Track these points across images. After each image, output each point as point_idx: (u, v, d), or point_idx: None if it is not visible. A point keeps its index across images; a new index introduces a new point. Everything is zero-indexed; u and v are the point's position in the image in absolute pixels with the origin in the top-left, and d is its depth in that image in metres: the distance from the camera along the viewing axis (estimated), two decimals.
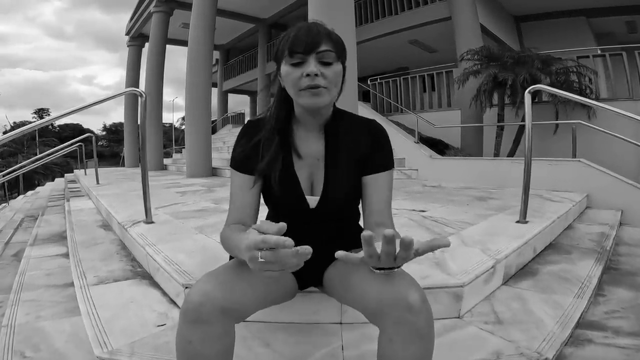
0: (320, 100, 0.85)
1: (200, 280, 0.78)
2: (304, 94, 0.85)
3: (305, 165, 0.97)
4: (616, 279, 1.81)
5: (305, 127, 0.96)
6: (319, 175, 0.96)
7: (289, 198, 0.96)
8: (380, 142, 0.96)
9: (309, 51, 0.82)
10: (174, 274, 1.34)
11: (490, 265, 1.43)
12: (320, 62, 0.83)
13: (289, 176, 0.95)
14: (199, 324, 0.72)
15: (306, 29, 0.84)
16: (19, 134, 1.96)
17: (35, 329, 1.26)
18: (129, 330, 1.17)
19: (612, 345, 1.21)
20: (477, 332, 1.19)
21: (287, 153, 0.95)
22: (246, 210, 0.95)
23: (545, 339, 1.14)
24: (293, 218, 0.96)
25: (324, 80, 0.84)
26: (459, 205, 2.90)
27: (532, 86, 2.32)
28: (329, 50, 0.84)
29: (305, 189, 0.96)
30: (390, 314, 0.71)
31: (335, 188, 0.95)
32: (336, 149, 0.96)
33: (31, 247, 2.39)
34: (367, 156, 0.95)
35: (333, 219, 1.01)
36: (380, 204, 0.94)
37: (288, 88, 0.88)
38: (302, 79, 0.83)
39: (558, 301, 1.40)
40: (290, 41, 0.83)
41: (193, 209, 2.81)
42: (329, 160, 0.96)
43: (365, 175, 0.95)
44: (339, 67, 0.87)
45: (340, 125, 0.97)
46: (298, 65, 0.84)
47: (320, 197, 0.96)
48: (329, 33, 0.86)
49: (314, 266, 1.00)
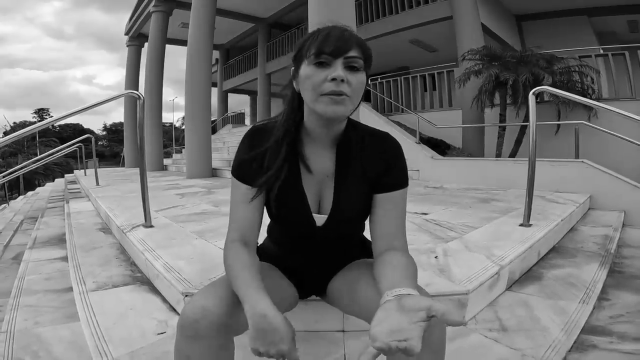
0: (341, 109, 0.78)
1: (198, 294, 0.76)
2: (324, 100, 0.77)
3: (314, 181, 0.90)
4: (620, 282, 1.79)
5: (315, 139, 0.89)
6: (328, 193, 0.90)
7: (294, 216, 0.90)
8: (395, 158, 0.89)
9: (338, 54, 0.76)
10: (174, 282, 1.33)
11: (494, 272, 1.41)
12: (347, 67, 0.77)
13: (297, 193, 0.89)
14: (197, 340, 0.70)
15: (339, 31, 0.79)
16: (23, 135, 1.95)
17: (34, 335, 1.25)
18: (129, 339, 1.16)
19: (617, 350, 1.19)
20: (481, 339, 1.17)
21: (294, 167, 0.89)
22: (249, 225, 0.89)
23: (551, 347, 1.12)
24: (298, 234, 0.94)
25: (349, 88, 0.77)
26: (462, 207, 2.88)
27: (536, 87, 2.31)
28: (358, 57, 0.78)
29: (312, 206, 0.90)
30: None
31: (345, 208, 0.89)
32: (348, 165, 0.89)
33: (30, 250, 2.38)
34: (380, 174, 0.87)
35: (339, 236, 0.96)
36: (392, 226, 0.87)
37: (305, 91, 0.80)
38: (326, 83, 0.76)
39: (563, 307, 1.38)
40: (320, 40, 0.77)
41: (192, 212, 2.80)
42: (339, 177, 0.89)
43: (377, 193, 0.88)
44: (364, 76, 0.81)
45: (353, 140, 0.89)
46: (323, 66, 0.77)
47: (328, 216, 0.90)
48: (359, 40, 0.80)
49: (317, 277, 0.99)
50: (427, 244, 1.81)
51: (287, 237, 0.98)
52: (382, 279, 0.73)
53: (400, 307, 0.60)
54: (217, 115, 17.37)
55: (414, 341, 0.56)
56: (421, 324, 0.58)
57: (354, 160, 0.88)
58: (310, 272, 0.98)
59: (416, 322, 0.58)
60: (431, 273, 1.39)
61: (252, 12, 12.14)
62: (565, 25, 9.13)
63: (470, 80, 5.82)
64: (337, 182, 0.89)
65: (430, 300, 0.59)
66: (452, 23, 7.30)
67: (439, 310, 0.57)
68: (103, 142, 47.77)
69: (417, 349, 0.56)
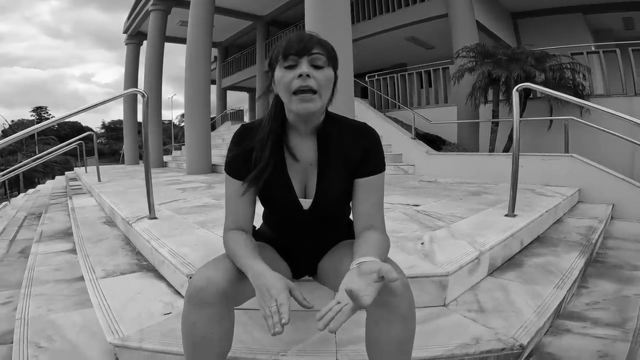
0: (311, 105, 0.88)
1: (202, 267, 0.88)
2: (295, 99, 0.87)
3: (299, 169, 1.00)
4: (601, 272, 1.89)
5: (299, 132, 0.98)
6: (312, 179, 1.00)
7: (282, 201, 1.01)
8: (372, 146, 0.97)
9: (301, 53, 0.86)
10: (179, 266, 1.44)
11: (474, 257, 1.52)
12: (312, 65, 0.87)
13: (283, 180, 0.99)
14: (202, 306, 0.80)
15: (299, 34, 0.89)
16: (27, 134, 2.03)
17: (47, 321, 1.34)
18: (138, 319, 1.26)
19: (590, 335, 1.28)
20: (460, 319, 1.27)
21: (280, 157, 0.98)
22: (243, 215, 0.99)
23: (522, 327, 1.22)
24: (287, 217, 1.05)
25: (315, 83, 0.86)
26: (453, 199, 2.98)
27: (519, 84, 2.39)
28: (320, 54, 0.88)
29: (298, 192, 1.00)
30: (376, 298, 0.79)
31: (328, 192, 0.99)
32: (328, 154, 0.98)
33: (37, 243, 2.47)
34: (358, 160, 0.96)
35: (326, 219, 1.05)
36: (371, 207, 0.97)
37: (281, 93, 0.90)
38: (294, 80, 0.86)
39: (538, 292, 1.48)
40: (284, 45, 0.87)
41: (194, 205, 2.90)
42: (321, 165, 0.99)
43: (357, 178, 0.97)
44: (331, 72, 0.90)
45: (332, 131, 0.98)
46: (291, 68, 0.87)
47: (313, 201, 1.00)
48: (320, 40, 0.90)
49: (309, 257, 1.09)
50: (415, 232, 1.92)
51: (278, 220, 1.10)
52: (355, 253, 0.85)
53: (359, 272, 0.74)
54: (216, 112, 17.42)
55: (367, 297, 0.69)
56: (374, 284, 0.71)
57: (334, 149, 0.98)
58: (302, 253, 1.09)
59: (370, 283, 0.71)
60: (416, 257, 1.50)
61: (250, 10, 12.16)
62: (560, 23, 9.19)
63: (465, 77, 5.90)
64: (319, 169, 0.99)
65: (380, 264, 0.73)
66: (448, 20, 7.37)
67: (382, 269, 0.71)
68: (102, 140, 47.64)
69: (366, 302, 0.69)
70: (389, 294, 0.77)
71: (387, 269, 0.70)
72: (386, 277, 0.70)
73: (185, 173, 6.65)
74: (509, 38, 9.48)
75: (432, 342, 1.11)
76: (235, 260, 0.89)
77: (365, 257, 0.79)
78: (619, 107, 2.18)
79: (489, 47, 5.91)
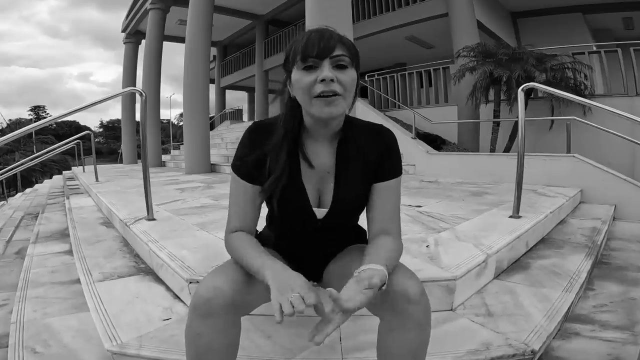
0: (335, 109, 0.81)
1: (209, 275, 0.82)
2: (317, 102, 0.80)
3: (314, 176, 0.93)
4: (607, 273, 1.86)
5: (315, 137, 0.92)
6: (328, 187, 0.94)
7: (295, 210, 0.94)
8: (390, 148, 0.93)
9: (323, 55, 0.79)
10: (178, 270, 1.39)
11: (481, 260, 1.48)
12: (334, 66, 0.80)
13: (297, 188, 0.92)
14: (209, 317, 0.76)
15: (318, 33, 0.81)
16: (26, 133, 2.00)
17: (43, 325, 1.30)
18: (136, 325, 1.22)
19: (599, 338, 1.25)
20: (469, 324, 1.24)
21: (295, 164, 0.91)
22: (247, 217, 0.94)
23: (533, 331, 1.19)
24: (298, 226, 0.99)
25: (340, 87, 0.80)
26: (455, 200, 2.95)
27: (525, 84, 2.36)
28: (344, 55, 0.80)
29: (312, 200, 0.94)
30: (391, 304, 0.76)
31: (345, 202, 0.93)
32: (347, 160, 0.92)
33: (34, 244, 2.42)
34: (377, 164, 0.92)
35: (337, 227, 1.00)
36: (387, 212, 0.92)
37: (300, 96, 0.83)
38: (316, 84, 0.79)
39: (547, 295, 1.45)
40: (303, 45, 0.79)
41: (193, 206, 2.86)
42: (339, 172, 0.93)
43: (374, 182, 0.93)
44: (354, 73, 0.83)
45: (351, 135, 0.92)
46: (311, 70, 0.80)
47: (329, 210, 0.94)
48: (341, 38, 0.83)
49: (315, 263, 1.05)
50: (419, 233, 1.89)
51: (287, 228, 1.03)
52: (363, 259, 0.81)
53: (357, 279, 0.72)
54: (215, 111, 17.37)
55: (349, 302, 0.67)
56: (365, 291, 0.69)
57: (352, 155, 0.92)
58: (308, 260, 1.05)
59: (362, 290, 0.69)
60: (422, 260, 1.46)
61: (249, 9, 12.13)
62: (560, 22, 9.19)
63: (465, 77, 5.88)
64: (337, 177, 0.93)
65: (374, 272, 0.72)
66: (448, 20, 7.35)
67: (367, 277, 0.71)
68: (100, 139, 47.55)
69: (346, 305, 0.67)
70: (406, 301, 0.74)
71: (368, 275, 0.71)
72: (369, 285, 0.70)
73: (184, 173, 6.61)
74: (509, 38, 9.47)
75: (441, 349, 1.08)
76: (245, 261, 0.83)
77: (369, 265, 0.75)
78: (620, 107, 2.15)
79: (490, 46, 5.89)
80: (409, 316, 0.75)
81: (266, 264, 0.79)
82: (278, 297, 0.70)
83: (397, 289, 0.76)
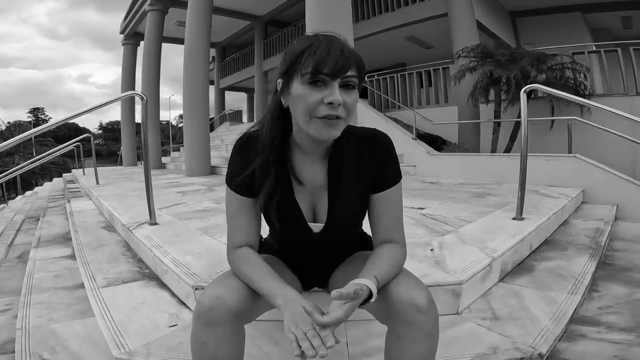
0: (335, 132, 0.77)
1: (212, 284, 0.82)
2: (318, 123, 0.76)
3: (307, 192, 0.90)
4: (610, 274, 1.86)
5: (305, 151, 0.87)
6: (322, 202, 0.90)
7: (291, 226, 0.92)
8: (386, 155, 0.88)
9: (336, 75, 0.73)
10: (184, 276, 1.39)
11: (487, 263, 1.48)
12: (342, 86, 0.75)
13: (290, 204, 0.89)
14: (212, 326, 0.76)
15: (334, 49, 0.74)
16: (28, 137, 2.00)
17: (49, 331, 1.30)
18: (143, 332, 1.22)
19: (605, 340, 1.25)
20: (475, 328, 1.24)
21: (285, 179, 0.88)
22: (248, 231, 0.91)
23: (540, 334, 1.19)
24: (295, 239, 0.98)
25: (344, 111, 0.76)
26: (458, 202, 2.94)
27: (527, 85, 2.36)
28: (354, 76, 0.76)
29: (307, 215, 0.91)
30: (400, 314, 0.76)
31: (340, 217, 0.90)
32: (340, 174, 0.88)
33: (36, 249, 2.42)
34: (374, 173, 0.87)
35: (338, 239, 0.97)
36: (390, 221, 0.89)
37: (297, 111, 0.77)
38: (322, 106, 0.74)
39: (553, 297, 1.45)
40: (318, 59, 0.73)
41: (195, 210, 2.85)
42: (332, 188, 0.89)
43: (373, 193, 0.89)
44: (357, 93, 0.79)
45: (344, 146, 0.88)
46: (317, 86, 0.74)
47: (324, 225, 0.91)
48: (356, 58, 0.78)
49: (320, 270, 1.04)
50: (423, 237, 1.88)
51: (286, 241, 1.02)
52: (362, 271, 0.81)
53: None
54: (215, 113, 17.37)
55: (326, 318, 0.69)
56: (344, 307, 0.70)
57: (346, 167, 0.88)
58: (312, 269, 1.04)
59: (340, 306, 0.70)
60: (427, 265, 1.46)
61: (248, 10, 12.13)
62: (559, 22, 9.21)
63: (465, 77, 5.88)
64: (330, 193, 0.89)
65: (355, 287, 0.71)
66: (448, 20, 7.36)
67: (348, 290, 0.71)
68: (99, 141, 47.47)
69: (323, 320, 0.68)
70: (415, 310, 0.74)
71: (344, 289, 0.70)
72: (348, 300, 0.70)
73: (185, 175, 6.60)
74: (508, 37, 9.47)
75: (448, 353, 1.08)
76: (253, 284, 0.81)
77: (356, 280, 0.75)
78: (620, 107, 2.16)
79: (490, 47, 5.89)
80: (419, 327, 0.74)
81: (277, 291, 0.79)
82: (292, 328, 0.70)
83: (404, 299, 0.75)
